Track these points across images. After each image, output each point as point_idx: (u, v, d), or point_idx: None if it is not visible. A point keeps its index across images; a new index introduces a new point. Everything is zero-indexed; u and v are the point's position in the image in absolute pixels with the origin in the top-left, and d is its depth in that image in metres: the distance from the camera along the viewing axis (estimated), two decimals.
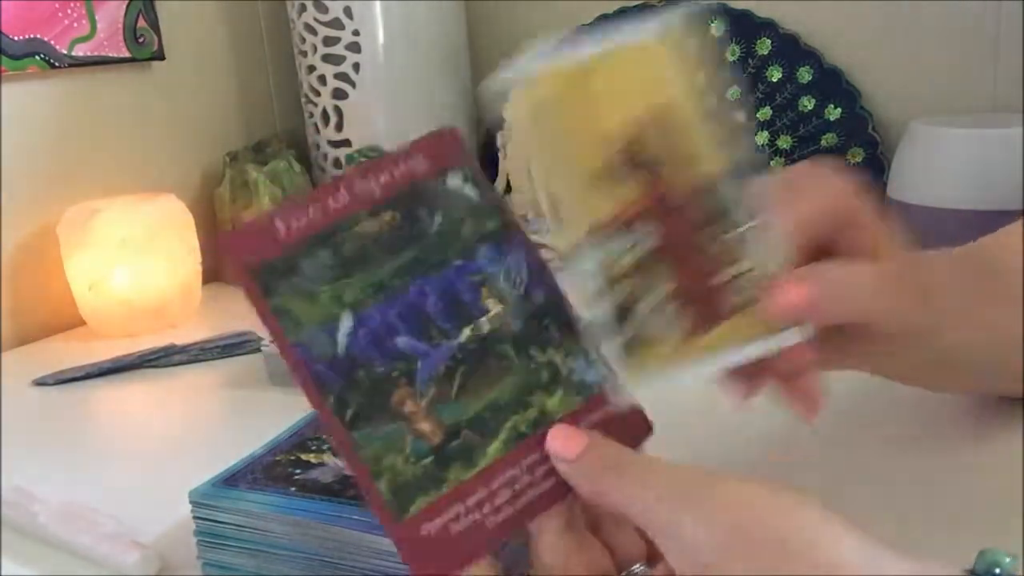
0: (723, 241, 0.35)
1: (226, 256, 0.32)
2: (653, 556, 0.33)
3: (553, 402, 0.34)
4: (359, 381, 0.32)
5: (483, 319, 0.34)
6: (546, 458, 0.33)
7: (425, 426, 0.32)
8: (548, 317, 0.35)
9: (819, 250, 0.39)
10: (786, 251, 0.35)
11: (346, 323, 0.32)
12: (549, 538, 0.32)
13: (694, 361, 0.35)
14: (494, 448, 0.33)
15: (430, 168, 0.35)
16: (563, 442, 0.32)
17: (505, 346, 0.34)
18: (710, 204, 0.35)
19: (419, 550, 0.31)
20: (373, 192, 0.34)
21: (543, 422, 0.33)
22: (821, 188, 0.39)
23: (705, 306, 0.35)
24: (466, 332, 0.34)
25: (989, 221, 0.78)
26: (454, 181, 0.36)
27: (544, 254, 0.37)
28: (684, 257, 0.35)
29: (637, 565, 0.33)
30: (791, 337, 0.35)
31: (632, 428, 0.35)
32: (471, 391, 0.33)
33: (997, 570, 0.28)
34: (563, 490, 0.33)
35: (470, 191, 0.36)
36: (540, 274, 0.36)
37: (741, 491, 0.29)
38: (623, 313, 0.35)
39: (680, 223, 0.35)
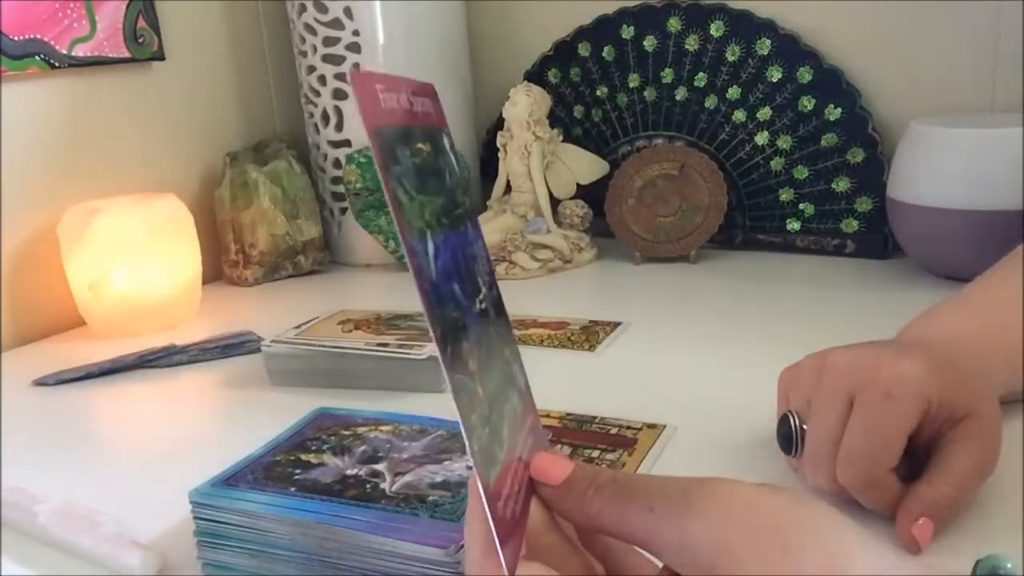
0: None
1: (356, 91, 0.25)
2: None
3: (516, 401, 0.32)
4: (447, 317, 0.27)
5: (482, 294, 0.31)
6: (521, 455, 0.31)
7: (480, 390, 0.28)
8: (504, 315, 0.33)
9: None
10: None
11: (431, 242, 0.27)
12: (538, 537, 0.31)
13: None
14: (506, 429, 0.30)
15: (435, 119, 0.31)
16: (547, 467, 0.31)
17: (492, 330, 0.31)
18: None
19: (502, 526, 0.27)
20: (417, 113, 0.29)
21: (514, 415, 0.32)
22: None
23: None
24: (478, 301, 0.30)
25: (989, 221, 0.79)
26: (448, 143, 0.32)
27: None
28: None
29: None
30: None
31: (543, 439, 0.34)
32: (487, 366, 0.29)
33: (1000, 573, 0.28)
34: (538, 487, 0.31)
35: (455, 161, 0.32)
36: (493, 271, 0.33)
37: (739, 491, 0.28)
38: None
39: None
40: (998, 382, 0.51)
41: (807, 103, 0.96)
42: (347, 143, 1.04)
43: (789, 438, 0.48)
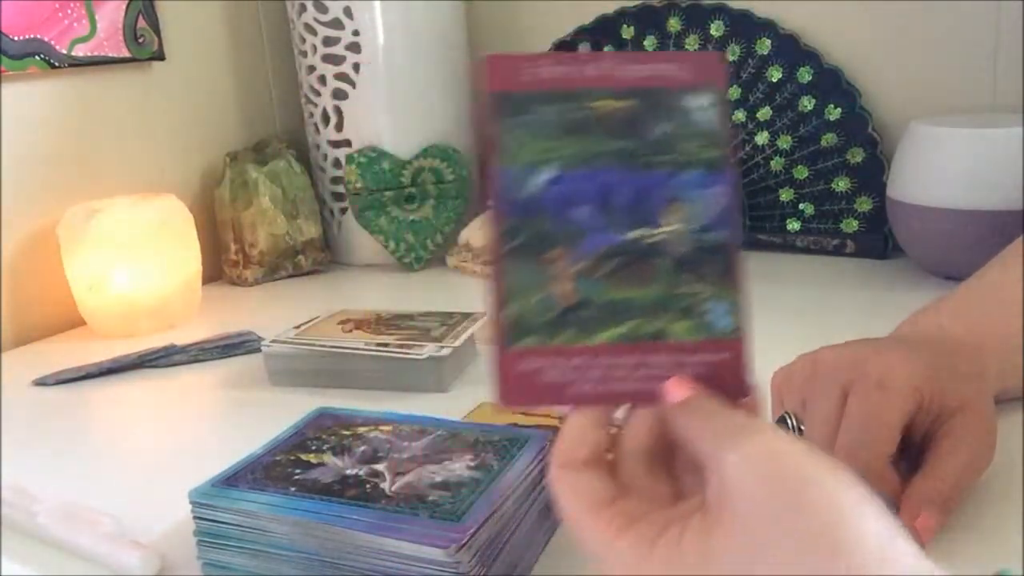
0: None
1: (483, 75, 0.36)
2: None
3: (678, 327, 0.36)
4: (536, 223, 0.36)
5: (656, 230, 0.36)
6: (645, 366, 0.36)
7: (565, 287, 0.35)
8: (716, 256, 0.37)
9: None
10: None
11: (548, 173, 0.36)
12: (627, 456, 0.35)
13: None
14: (610, 334, 0.36)
15: (684, 80, 0.37)
16: (674, 387, 0.34)
17: (663, 261, 0.36)
18: None
19: (509, 375, 0.35)
20: (623, 78, 0.37)
21: (661, 337, 0.36)
22: None
23: None
24: (636, 232, 0.36)
25: (989, 221, 0.79)
26: (700, 101, 0.37)
27: None
28: None
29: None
30: None
31: (731, 383, 0.36)
32: (615, 281, 0.36)
33: None
34: (642, 399, 0.35)
35: (707, 117, 0.37)
36: (729, 217, 0.37)
37: (786, 445, 0.30)
38: None
39: None
40: (993, 377, 0.50)
41: (807, 103, 0.96)
42: (347, 143, 1.04)
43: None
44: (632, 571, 0.31)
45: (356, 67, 1.01)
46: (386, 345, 0.67)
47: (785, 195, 0.99)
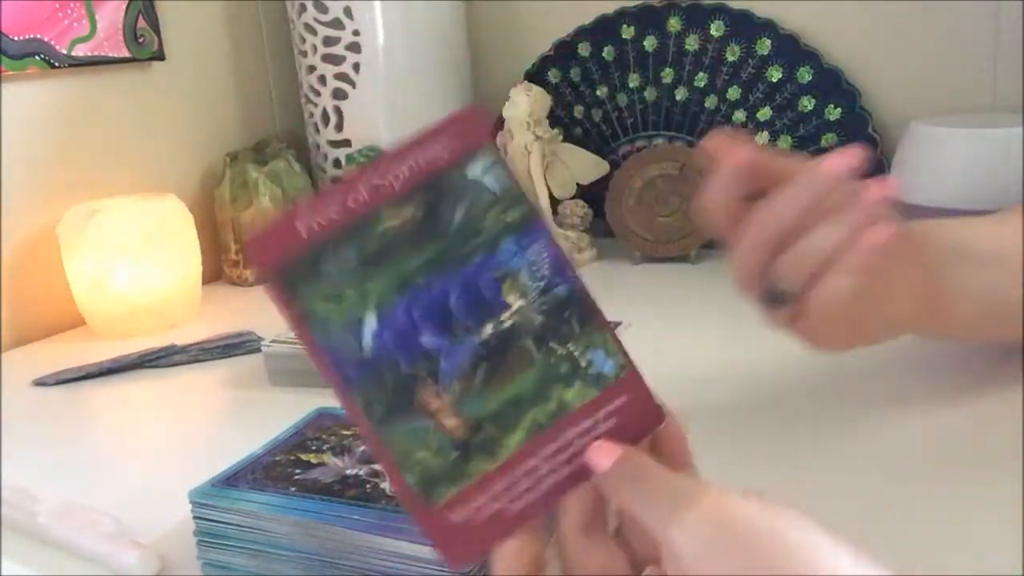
0: None
1: (251, 261, 0.33)
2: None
3: (571, 394, 0.35)
4: (386, 382, 0.33)
5: (504, 315, 0.35)
6: (564, 447, 0.34)
7: (450, 422, 0.34)
8: (568, 309, 0.36)
9: None
10: None
11: (371, 324, 0.33)
12: (568, 536, 0.34)
13: None
14: (515, 440, 0.34)
15: (452, 155, 0.35)
16: (597, 455, 0.34)
17: (526, 341, 0.35)
18: None
19: (448, 537, 0.33)
20: (392, 187, 0.34)
21: (561, 413, 0.35)
22: None
23: None
24: (488, 328, 0.35)
25: None
26: (476, 169, 0.35)
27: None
28: None
29: (650, 568, 0.34)
30: None
31: (645, 417, 0.36)
32: (493, 386, 0.34)
33: None
34: (580, 477, 0.34)
35: (491, 180, 0.35)
36: (561, 265, 0.36)
37: (725, 502, 0.30)
38: None
39: None
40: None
41: (807, 103, 0.96)
42: (347, 143, 1.04)
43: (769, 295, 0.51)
44: None
45: (356, 67, 1.01)
46: None
47: None
